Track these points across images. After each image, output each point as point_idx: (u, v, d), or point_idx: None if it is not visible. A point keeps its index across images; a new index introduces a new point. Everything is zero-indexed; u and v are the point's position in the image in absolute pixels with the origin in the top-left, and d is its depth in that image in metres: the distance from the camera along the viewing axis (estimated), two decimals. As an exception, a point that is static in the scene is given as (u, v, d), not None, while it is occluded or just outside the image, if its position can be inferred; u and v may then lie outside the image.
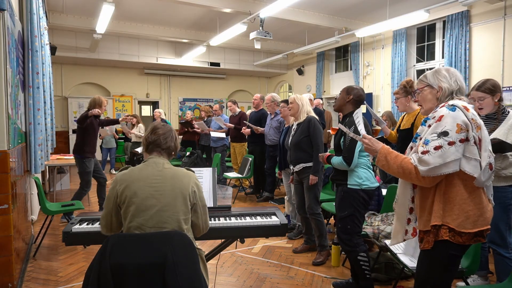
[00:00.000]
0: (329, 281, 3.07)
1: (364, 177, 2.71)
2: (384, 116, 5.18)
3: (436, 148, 1.54)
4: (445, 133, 1.55)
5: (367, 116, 7.32)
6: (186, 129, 8.23)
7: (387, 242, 2.64)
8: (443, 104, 1.68)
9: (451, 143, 1.54)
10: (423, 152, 1.56)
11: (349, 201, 2.70)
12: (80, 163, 4.73)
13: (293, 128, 3.68)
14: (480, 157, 1.59)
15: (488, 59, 6.82)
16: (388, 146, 1.78)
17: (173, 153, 1.98)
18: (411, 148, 1.74)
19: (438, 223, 1.60)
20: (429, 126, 1.64)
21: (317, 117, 3.63)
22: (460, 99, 1.71)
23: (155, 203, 1.76)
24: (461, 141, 1.56)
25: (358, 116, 2.10)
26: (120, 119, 5.59)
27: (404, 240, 1.80)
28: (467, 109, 1.62)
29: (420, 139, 1.66)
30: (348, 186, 2.72)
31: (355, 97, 2.81)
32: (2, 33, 2.72)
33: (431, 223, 1.63)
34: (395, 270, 3.02)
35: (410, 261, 2.37)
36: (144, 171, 1.84)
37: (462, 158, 1.57)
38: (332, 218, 4.38)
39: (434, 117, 1.63)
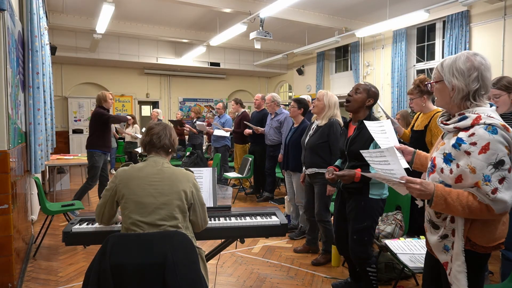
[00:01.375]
0: (329, 281, 3.07)
1: (385, 186, 2.56)
2: (398, 115, 5.11)
3: (501, 181, 1.38)
4: (501, 162, 1.37)
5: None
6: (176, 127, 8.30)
7: (387, 242, 2.64)
8: (473, 118, 1.43)
9: (510, 170, 1.39)
10: (493, 191, 1.37)
11: (369, 212, 2.52)
12: (91, 157, 4.86)
13: (312, 127, 3.46)
14: None
15: (488, 59, 6.81)
16: (442, 185, 1.47)
17: (170, 150, 2.01)
18: (442, 170, 1.50)
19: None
20: (467, 153, 1.40)
21: (341, 122, 3.32)
22: (481, 104, 1.48)
23: (153, 201, 1.81)
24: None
25: (391, 153, 1.55)
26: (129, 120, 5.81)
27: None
28: (508, 129, 1.42)
29: (458, 166, 1.44)
30: (370, 196, 2.50)
31: (375, 101, 2.56)
32: (2, 33, 2.72)
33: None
34: (395, 270, 3.02)
35: (410, 261, 2.36)
36: (144, 170, 1.89)
37: None
38: (332, 218, 4.37)
39: (475, 143, 1.39)
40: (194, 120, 7.89)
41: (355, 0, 7.51)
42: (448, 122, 1.53)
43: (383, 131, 1.75)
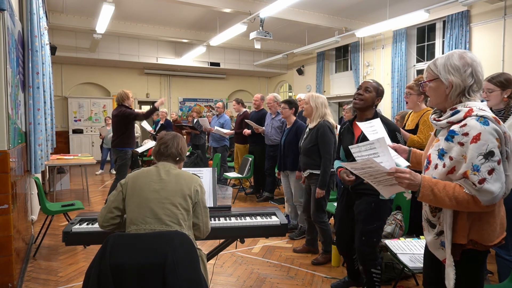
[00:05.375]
0: (329, 281, 3.07)
1: None
2: (398, 116, 5.08)
3: (490, 172, 1.37)
4: (491, 153, 1.37)
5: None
6: (180, 130, 8.28)
7: (387, 242, 2.64)
8: (465, 111, 1.45)
9: (499, 162, 1.38)
10: (480, 181, 1.36)
11: (380, 213, 2.52)
12: (122, 155, 5.04)
13: (306, 131, 3.56)
14: (510, 171, 1.45)
15: (488, 59, 6.81)
16: (429, 176, 1.49)
17: (177, 158, 2.12)
18: (436, 166, 1.49)
19: (463, 242, 1.46)
20: (460, 144, 1.41)
21: (331, 122, 3.42)
22: (474, 99, 1.50)
23: (155, 196, 1.89)
24: (502, 154, 1.42)
25: (381, 144, 1.57)
26: (156, 104, 5.30)
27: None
28: (499, 122, 1.43)
29: (451, 158, 1.44)
30: (381, 197, 2.42)
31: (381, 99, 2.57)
32: (2, 33, 2.72)
33: (455, 240, 1.48)
34: (395, 270, 3.02)
35: (410, 261, 2.37)
36: (152, 171, 2.01)
37: None
38: (332, 218, 4.37)
39: (467, 133, 1.40)
40: (196, 120, 7.84)
41: (355, 0, 7.51)
42: (440, 118, 1.54)
43: (374, 131, 1.74)
